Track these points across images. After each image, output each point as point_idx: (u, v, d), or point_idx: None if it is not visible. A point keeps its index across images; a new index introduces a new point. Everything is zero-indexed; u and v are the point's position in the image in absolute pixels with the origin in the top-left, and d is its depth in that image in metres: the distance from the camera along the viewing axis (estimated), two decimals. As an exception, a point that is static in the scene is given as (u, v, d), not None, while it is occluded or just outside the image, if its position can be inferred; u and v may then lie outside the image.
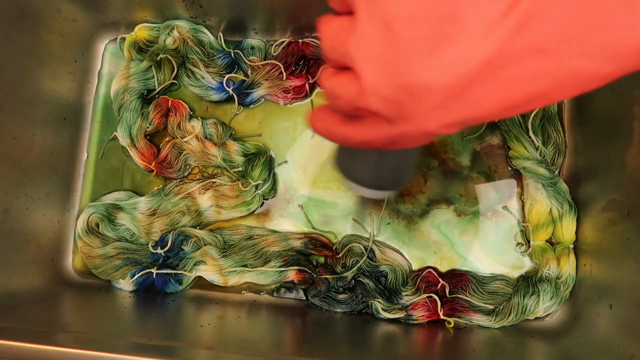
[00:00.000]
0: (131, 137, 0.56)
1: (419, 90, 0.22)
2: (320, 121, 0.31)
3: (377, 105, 0.24)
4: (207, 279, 0.54)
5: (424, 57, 0.22)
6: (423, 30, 0.22)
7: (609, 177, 0.46)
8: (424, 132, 0.25)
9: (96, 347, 0.38)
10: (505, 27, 0.20)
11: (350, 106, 0.26)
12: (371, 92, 0.24)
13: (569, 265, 0.49)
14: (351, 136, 0.28)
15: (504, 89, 0.22)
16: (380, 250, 0.53)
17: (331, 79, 0.27)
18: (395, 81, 0.23)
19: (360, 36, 0.24)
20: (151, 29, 0.57)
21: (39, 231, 0.54)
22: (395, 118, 0.24)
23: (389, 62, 0.23)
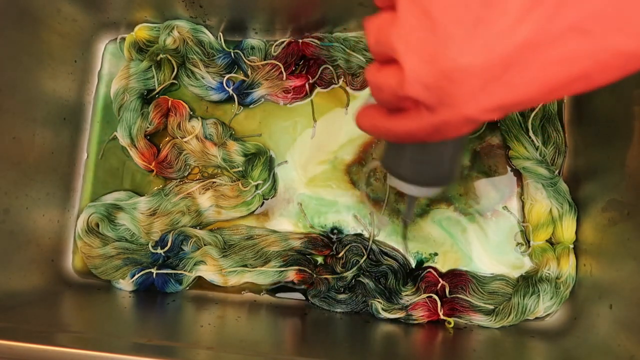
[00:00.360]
0: (131, 137, 0.56)
1: (458, 75, 0.23)
2: (366, 117, 0.31)
3: (418, 93, 0.25)
4: (207, 279, 0.54)
5: (462, 42, 0.22)
6: (461, 14, 0.22)
7: (609, 177, 0.46)
8: (465, 119, 0.25)
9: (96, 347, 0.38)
10: (544, 7, 0.20)
11: (393, 97, 0.26)
12: (412, 80, 0.24)
13: (569, 265, 0.49)
14: (395, 128, 0.29)
15: (545, 70, 0.22)
16: (380, 250, 0.53)
17: (375, 73, 0.27)
18: (435, 67, 0.23)
19: (401, 26, 0.24)
20: (151, 29, 0.57)
21: (39, 231, 0.54)
22: (437, 105, 0.25)
23: (429, 49, 0.23)
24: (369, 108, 0.31)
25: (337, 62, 0.54)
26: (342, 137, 0.56)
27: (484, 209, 0.53)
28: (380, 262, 0.52)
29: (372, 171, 0.55)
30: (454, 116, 0.25)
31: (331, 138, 0.56)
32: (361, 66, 0.54)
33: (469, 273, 0.52)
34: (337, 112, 0.56)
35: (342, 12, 0.52)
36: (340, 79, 0.56)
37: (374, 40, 0.27)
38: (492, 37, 0.21)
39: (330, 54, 0.54)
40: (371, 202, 0.53)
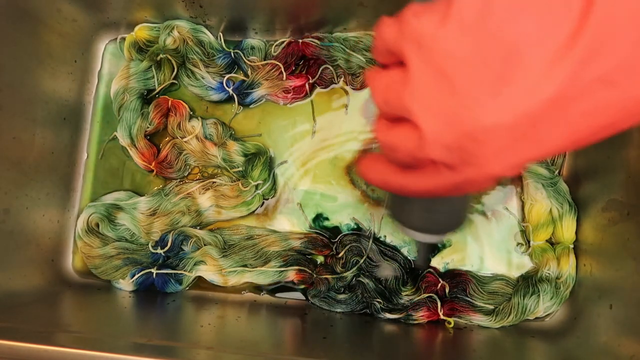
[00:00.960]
0: (131, 137, 0.56)
1: (482, 136, 0.22)
2: (375, 172, 0.30)
3: (439, 155, 0.24)
4: (207, 279, 0.54)
5: (485, 101, 0.21)
6: (481, 73, 0.21)
7: (609, 177, 0.46)
8: (489, 177, 0.24)
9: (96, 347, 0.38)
10: (570, 62, 0.20)
11: (410, 157, 0.25)
12: (433, 142, 0.23)
13: (569, 265, 0.49)
14: (410, 186, 0.27)
15: (572, 123, 0.21)
16: (380, 250, 0.53)
17: (387, 132, 0.26)
18: (457, 129, 0.22)
19: (415, 87, 0.23)
20: (151, 29, 0.57)
21: (39, 231, 0.54)
22: (459, 165, 0.24)
23: (449, 111, 0.22)
24: (376, 161, 0.29)
25: (337, 62, 0.54)
26: (342, 137, 0.56)
27: (484, 209, 0.53)
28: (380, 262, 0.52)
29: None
30: (478, 175, 0.24)
31: (331, 138, 0.56)
32: (361, 66, 0.54)
33: (469, 273, 0.52)
34: (337, 112, 0.56)
35: (342, 12, 0.52)
36: (340, 79, 0.56)
37: (382, 100, 0.26)
38: (517, 94, 0.21)
39: (330, 54, 0.54)
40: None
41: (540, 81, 0.20)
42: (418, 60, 0.23)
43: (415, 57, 0.23)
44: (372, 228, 0.54)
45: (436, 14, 0.22)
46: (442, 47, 0.22)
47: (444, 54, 0.22)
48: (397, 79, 0.25)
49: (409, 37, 0.23)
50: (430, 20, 0.23)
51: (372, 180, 0.30)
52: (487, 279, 0.51)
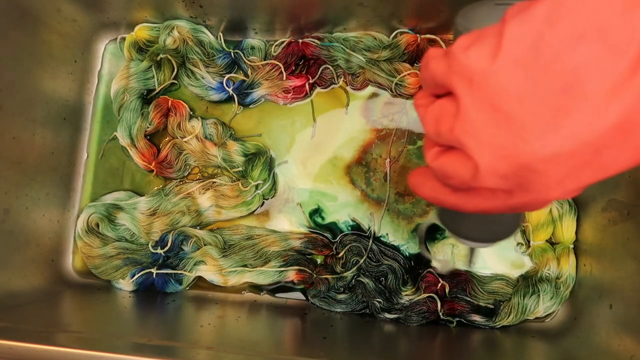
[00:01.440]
0: (131, 137, 0.56)
1: (541, 167, 0.22)
2: (426, 189, 0.29)
3: (495, 184, 0.23)
4: (207, 279, 0.54)
5: (543, 134, 0.21)
6: (537, 107, 0.21)
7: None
8: (547, 201, 0.24)
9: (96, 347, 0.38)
10: (632, 89, 0.20)
11: (464, 185, 0.25)
12: (487, 174, 0.23)
13: (569, 265, 0.49)
14: (464, 205, 0.27)
15: (637, 147, 0.21)
16: (380, 250, 0.53)
17: (439, 159, 0.25)
18: (514, 162, 0.22)
19: (467, 121, 0.23)
20: (151, 29, 0.57)
21: (39, 231, 0.54)
22: (517, 191, 0.24)
23: (504, 144, 0.22)
24: (428, 178, 0.28)
25: (337, 62, 0.54)
26: (342, 137, 0.56)
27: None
28: (380, 262, 0.52)
29: (373, 172, 0.55)
30: (537, 199, 0.24)
31: (331, 138, 0.56)
32: (361, 66, 0.54)
33: (468, 273, 0.52)
34: (337, 112, 0.56)
35: (342, 12, 0.52)
36: (340, 79, 0.56)
37: (434, 131, 0.25)
38: (578, 124, 0.20)
39: (330, 54, 0.54)
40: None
41: (601, 110, 0.20)
42: (470, 96, 0.23)
43: (467, 93, 0.23)
44: (372, 228, 0.54)
45: (486, 48, 0.22)
46: (494, 83, 0.22)
47: (497, 90, 0.22)
48: (449, 111, 0.24)
49: (459, 73, 0.23)
50: (481, 55, 0.22)
51: (424, 196, 0.30)
52: (487, 279, 0.51)
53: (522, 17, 0.21)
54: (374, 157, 0.55)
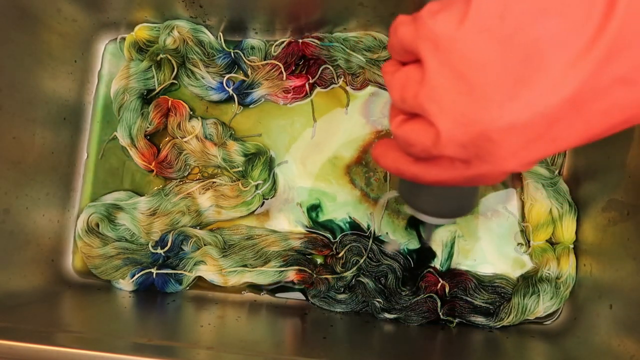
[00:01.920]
0: (131, 137, 0.56)
1: (498, 136, 0.22)
2: (388, 159, 0.30)
3: (454, 152, 0.24)
4: (207, 279, 0.54)
5: (502, 103, 0.21)
6: (499, 76, 0.21)
7: (609, 177, 0.46)
8: (503, 172, 0.25)
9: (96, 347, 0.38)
10: (590, 62, 0.20)
11: (424, 152, 0.25)
12: (448, 141, 0.23)
13: (569, 265, 0.49)
14: (423, 176, 0.28)
15: (588, 122, 0.21)
16: (380, 250, 0.53)
17: (403, 126, 0.26)
18: (473, 129, 0.22)
19: (431, 88, 0.23)
20: (151, 29, 0.57)
21: (39, 231, 0.54)
22: (474, 161, 0.24)
23: (465, 112, 0.22)
24: (391, 148, 0.29)
25: (337, 62, 0.55)
26: (342, 137, 0.56)
27: (484, 209, 0.53)
28: (380, 262, 0.52)
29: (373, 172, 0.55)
30: (492, 170, 0.24)
31: (331, 138, 0.56)
32: (361, 66, 0.54)
33: (468, 273, 0.52)
34: (337, 112, 0.56)
35: (342, 12, 0.52)
36: (340, 79, 0.56)
37: (399, 97, 0.26)
38: (535, 96, 0.21)
39: (330, 54, 0.54)
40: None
41: (559, 82, 0.20)
42: (435, 61, 0.23)
43: (432, 58, 0.23)
44: (372, 228, 0.54)
45: (453, 14, 0.22)
46: (459, 49, 0.22)
47: (461, 56, 0.22)
48: (414, 77, 0.25)
49: (426, 38, 0.23)
50: (448, 21, 0.22)
51: (385, 166, 0.31)
52: (487, 279, 0.51)
53: None
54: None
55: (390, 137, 0.29)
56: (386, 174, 0.54)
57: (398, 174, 0.30)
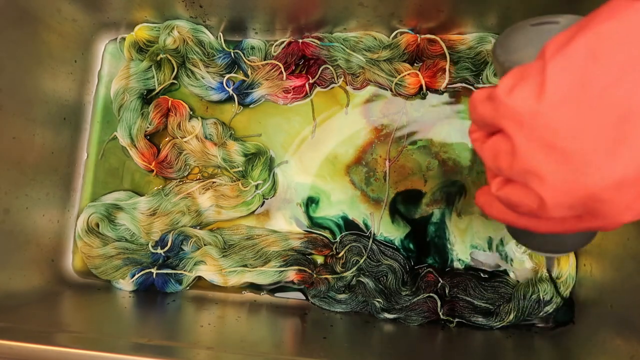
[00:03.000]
0: (131, 137, 0.56)
1: (608, 195, 0.22)
2: (494, 210, 0.29)
3: (563, 214, 0.24)
4: (207, 279, 0.54)
5: (602, 165, 0.21)
6: (594, 140, 0.21)
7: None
8: (618, 224, 0.24)
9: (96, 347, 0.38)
10: None
11: (532, 214, 0.25)
12: (554, 207, 0.23)
13: (569, 265, 0.49)
14: (535, 228, 0.27)
15: None
16: (380, 250, 0.53)
17: (504, 189, 0.26)
18: (579, 194, 0.22)
19: (525, 161, 0.23)
20: (151, 29, 0.57)
21: (39, 231, 0.54)
22: (585, 216, 0.24)
23: (566, 179, 0.22)
24: (495, 199, 0.28)
25: (337, 62, 0.54)
26: (342, 137, 0.56)
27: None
28: (380, 262, 0.52)
29: (373, 172, 0.55)
30: (608, 224, 0.24)
31: (331, 138, 0.56)
32: (361, 66, 0.54)
33: (468, 273, 0.52)
34: (336, 112, 0.56)
35: (342, 12, 0.52)
36: (340, 79, 0.56)
37: (493, 166, 0.25)
38: (636, 150, 0.21)
39: (330, 54, 0.54)
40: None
41: None
42: (522, 137, 0.23)
43: (518, 135, 0.23)
44: (372, 228, 0.54)
45: (530, 88, 0.22)
46: (545, 122, 0.22)
47: (548, 129, 0.22)
48: (504, 149, 0.24)
49: (507, 117, 0.23)
50: (526, 96, 0.22)
51: (492, 216, 0.30)
52: (487, 279, 0.51)
53: (564, 54, 0.21)
54: (373, 157, 0.55)
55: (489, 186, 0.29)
56: (386, 174, 0.54)
57: (507, 223, 0.29)
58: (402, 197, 0.54)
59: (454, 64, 0.53)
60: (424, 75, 0.53)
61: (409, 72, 0.53)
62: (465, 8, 0.50)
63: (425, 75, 0.53)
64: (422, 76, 0.53)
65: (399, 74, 0.53)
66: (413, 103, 0.55)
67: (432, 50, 0.53)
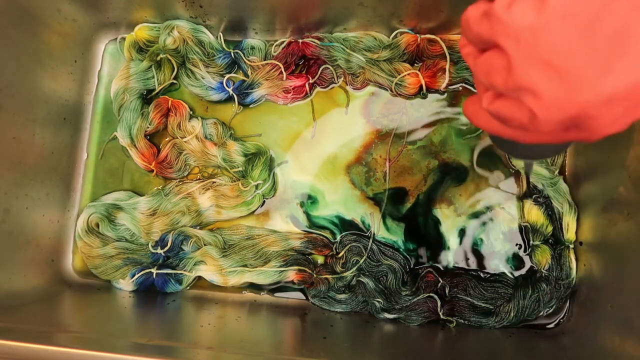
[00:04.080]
0: (131, 137, 0.56)
1: (598, 111, 0.22)
2: (482, 120, 0.29)
3: (552, 128, 0.24)
4: (207, 279, 0.54)
5: (596, 81, 0.22)
6: (589, 56, 0.21)
7: (609, 177, 0.46)
8: (602, 137, 0.25)
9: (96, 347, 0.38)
10: None
11: (521, 127, 0.26)
12: (545, 121, 0.24)
13: (569, 265, 0.49)
14: (520, 138, 0.28)
15: None
16: (380, 250, 0.53)
17: (495, 103, 0.26)
18: (570, 110, 0.23)
19: (520, 77, 0.23)
20: (151, 29, 0.57)
21: (39, 231, 0.54)
22: (572, 129, 0.25)
23: (559, 96, 0.23)
24: (483, 110, 0.28)
25: (337, 62, 0.54)
26: (342, 137, 0.56)
27: (483, 209, 0.53)
28: (380, 262, 0.52)
29: (373, 172, 0.55)
30: (591, 136, 0.25)
31: (331, 138, 0.56)
32: (361, 66, 0.54)
33: (469, 273, 0.52)
34: (337, 112, 0.56)
35: (342, 12, 0.52)
36: (340, 79, 0.56)
37: (486, 82, 0.26)
38: (630, 66, 0.21)
39: (330, 54, 0.54)
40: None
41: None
42: (519, 53, 0.23)
43: (516, 51, 0.23)
44: (372, 228, 0.54)
45: (530, 3, 0.22)
46: (544, 38, 0.22)
47: (546, 44, 0.22)
48: (499, 64, 0.24)
49: (504, 33, 0.23)
50: (525, 11, 0.22)
51: (479, 125, 0.30)
52: (487, 279, 0.51)
53: None
54: (374, 157, 0.55)
55: (477, 96, 0.29)
56: (385, 174, 0.54)
57: (492, 132, 0.30)
58: (389, 199, 0.54)
59: (454, 64, 0.53)
60: (424, 75, 0.53)
61: (409, 72, 0.53)
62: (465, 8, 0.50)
63: (425, 75, 0.53)
64: (422, 76, 0.53)
65: (399, 74, 0.53)
66: (413, 103, 0.55)
67: (432, 50, 0.53)
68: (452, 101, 0.54)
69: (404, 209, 0.54)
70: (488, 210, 0.53)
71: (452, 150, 0.54)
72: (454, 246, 0.53)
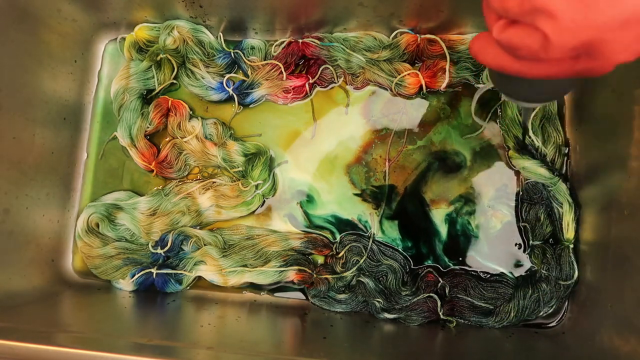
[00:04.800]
0: (131, 137, 0.56)
1: (612, 35, 0.22)
2: (489, 56, 0.29)
3: (563, 55, 0.24)
4: (207, 279, 0.54)
5: (613, 2, 0.22)
6: None
7: (609, 177, 0.46)
8: (613, 65, 0.25)
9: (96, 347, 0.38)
10: None
11: (531, 55, 0.25)
12: (558, 46, 0.24)
13: (569, 265, 0.49)
14: (528, 72, 0.27)
15: None
16: (380, 250, 0.53)
17: (506, 31, 0.26)
18: (585, 34, 0.23)
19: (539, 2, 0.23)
20: (151, 29, 0.57)
21: (39, 231, 0.54)
22: (582, 57, 0.24)
23: (575, 17, 0.22)
24: (490, 44, 0.28)
25: (337, 62, 0.54)
26: (342, 137, 0.56)
27: (483, 208, 0.53)
28: (380, 262, 0.52)
29: (373, 172, 0.55)
30: (602, 65, 0.25)
31: (331, 138, 0.56)
32: (361, 66, 0.54)
33: (468, 273, 0.52)
34: (337, 111, 0.56)
35: (342, 12, 0.52)
36: (340, 79, 0.56)
37: (500, 7, 0.26)
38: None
39: (330, 54, 0.54)
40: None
41: None
42: None
43: None
44: (372, 228, 0.54)
45: None
46: None
47: None
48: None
49: None
50: None
51: (485, 62, 0.30)
52: (487, 279, 0.51)
53: None
54: (373, 157, 0.55)
55: (486, 32, 0.29)
56: (386, 173, 0.54)
57: (499, 69, 0.29)
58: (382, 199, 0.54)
59: (454, 64, 0.53)
60: (424, 75, 0.53)
61: (409, 72, 0.53)
62: (465, 8, 0.50)
63: (425, 75, 0.53)
64: (422, 76, 0.53)
65: (399, 74, 0.53)
66: (413, 103, 0.55)
67: (432, 50, 0.53)
68: (452, 101, 0.54)
69: (394, 203, 0.54)
70: (488, 210, 0.53)
71: (452, 150, 0.54)
72: (444, 233, 0.53)
